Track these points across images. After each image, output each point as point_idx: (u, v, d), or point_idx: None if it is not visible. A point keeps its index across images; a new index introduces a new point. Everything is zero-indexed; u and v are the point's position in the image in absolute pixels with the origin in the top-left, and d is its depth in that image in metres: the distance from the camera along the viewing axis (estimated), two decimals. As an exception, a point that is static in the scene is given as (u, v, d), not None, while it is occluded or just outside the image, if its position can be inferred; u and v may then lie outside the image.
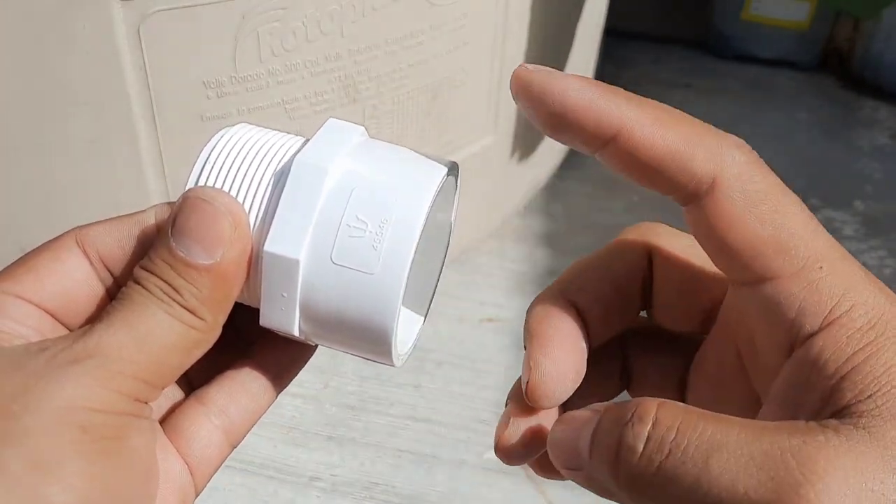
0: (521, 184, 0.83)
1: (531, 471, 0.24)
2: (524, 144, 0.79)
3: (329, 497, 0.56)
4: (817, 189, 0.89)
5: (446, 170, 0.22)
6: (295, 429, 0.61)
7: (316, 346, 0.24)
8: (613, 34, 1.05)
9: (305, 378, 0.66)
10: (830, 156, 0.96)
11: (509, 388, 0.24)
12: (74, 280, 0.21)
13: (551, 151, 0.88)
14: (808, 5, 1.08)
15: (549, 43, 0.76)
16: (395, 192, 0.20)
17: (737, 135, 0.20)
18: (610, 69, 1.08)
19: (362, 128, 0.22)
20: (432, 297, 0.26)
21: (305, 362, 0.24)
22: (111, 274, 0.21)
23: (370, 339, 0.21)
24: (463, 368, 0.66)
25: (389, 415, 0.62)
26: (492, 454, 0.27)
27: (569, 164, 0.93)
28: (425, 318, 0.25)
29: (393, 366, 0.22)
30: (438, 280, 0.26)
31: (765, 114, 1.02)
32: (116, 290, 0.21)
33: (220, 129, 0.23)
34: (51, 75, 0.46)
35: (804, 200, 0.20)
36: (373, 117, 0.59)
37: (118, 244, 0.21)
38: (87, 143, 0.49)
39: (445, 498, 0.56)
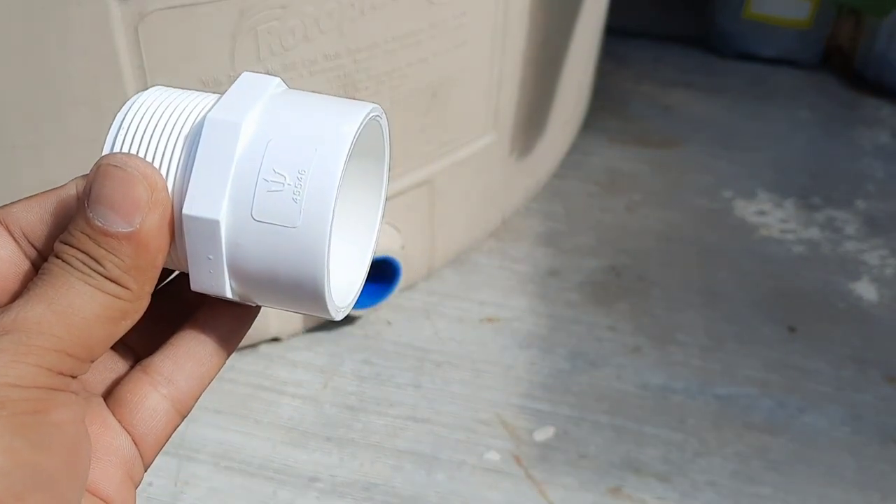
0: (521, 183, 0.83)
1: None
2: (524, 143, 0.79)
3: (328, 498, 0.56)
4: (819, 188, 0.88)
5: (364, 114, 0.21)
6: (294, 429, 0.61)
7: (259, 306, 0.23)
8: (614, 33, 1.04)
9: (305, 378, 0.66)
10: (832, 155, 0.95)
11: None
12: (0, 259, 0.21)
13: (551, 151, 0.88)
14: (809, 3, 1.08)
15: (550, 42, 0.75)
16: (311, 142, 0.20)
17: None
18: (610, 68, 1.08)
19: (278, 79, 0.22)
20: (374, 246, 0.25)
21: (251, 322, 0.24)
22: (36, 250, 0.21)
23: (304, 294, 0.21)
24: (463, 368, 0.65)
25: (389, 415, 0.62)
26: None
27: (569, 164, 0.92)
28: (367, 267, 0.25)
29: (332, 319, 0.22)
30: (379, 229, 0.25)
31: (766, 112, 1.02)
32: None
33: (134, 94, 0.22)
34: (49, 75, 0.46)
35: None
36: (372, 116, 0.59)
37: (41, 220, 0.21)
38: (85, 142, 0.49)
39: (445, 498, 0.56)
